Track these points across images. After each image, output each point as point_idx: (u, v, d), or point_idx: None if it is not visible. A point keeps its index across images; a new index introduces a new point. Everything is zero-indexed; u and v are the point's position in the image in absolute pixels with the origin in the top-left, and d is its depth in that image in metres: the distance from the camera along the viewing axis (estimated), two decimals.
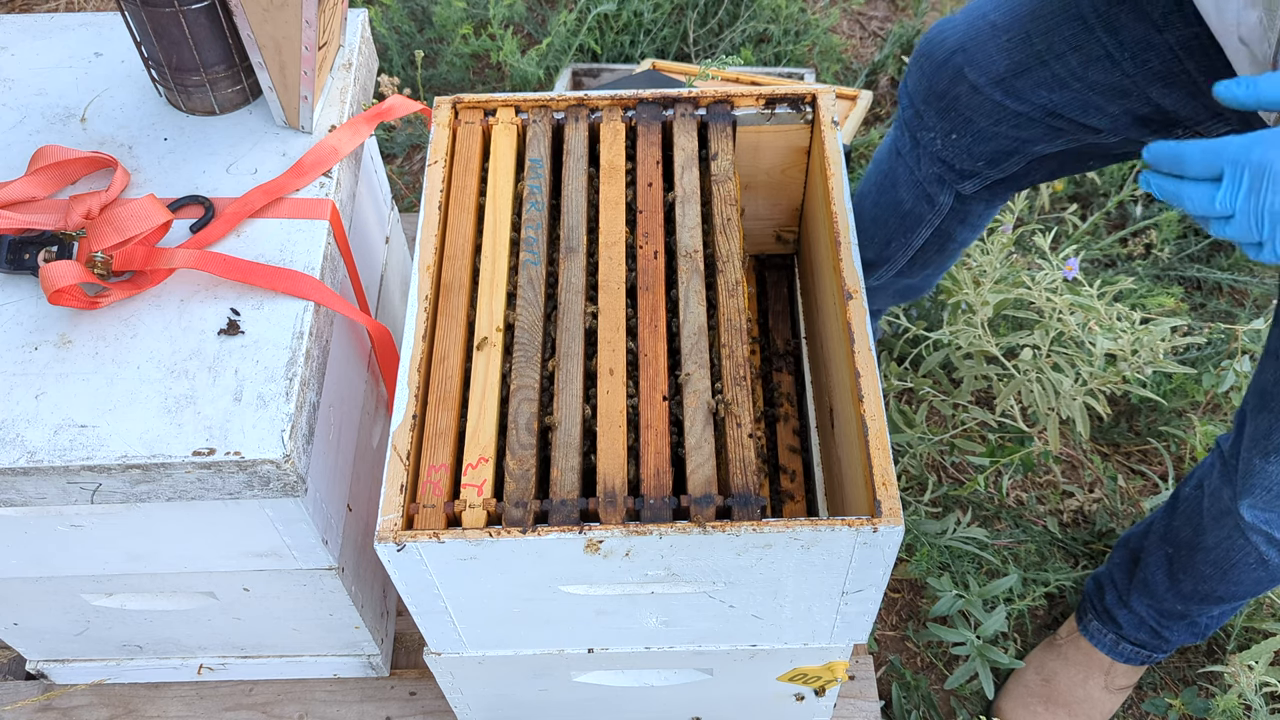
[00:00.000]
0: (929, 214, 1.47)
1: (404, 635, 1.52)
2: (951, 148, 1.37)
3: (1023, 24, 1.25)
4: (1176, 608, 1.46)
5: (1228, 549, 1.32)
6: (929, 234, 1.50)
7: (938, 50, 1.33)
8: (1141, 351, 1.61)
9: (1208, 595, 1.40)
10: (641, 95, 1.26)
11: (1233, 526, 1.29)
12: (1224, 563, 1.34)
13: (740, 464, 0.99)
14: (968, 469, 1.85)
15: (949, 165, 1.39)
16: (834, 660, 1.19)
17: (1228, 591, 1.38)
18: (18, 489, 1.02)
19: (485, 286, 1.13)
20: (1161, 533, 1.44)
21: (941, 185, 1.43)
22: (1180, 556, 1.40)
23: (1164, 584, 1.44)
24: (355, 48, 1.31)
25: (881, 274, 1.59)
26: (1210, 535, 1.33)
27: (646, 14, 2.37)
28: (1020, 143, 1.32)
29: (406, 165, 2.33)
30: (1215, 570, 1.36)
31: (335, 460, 1.22)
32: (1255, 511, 1.25)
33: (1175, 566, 1.42)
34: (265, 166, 1.20)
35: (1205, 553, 1.35)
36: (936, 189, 1.43)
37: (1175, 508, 1.41)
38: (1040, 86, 1.25)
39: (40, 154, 1.18)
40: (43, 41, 1.34)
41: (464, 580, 1.02)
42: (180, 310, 1.10)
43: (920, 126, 1.39)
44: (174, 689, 1.48)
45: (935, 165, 1.41)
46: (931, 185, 1.43)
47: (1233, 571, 1.34)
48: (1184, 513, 1.39)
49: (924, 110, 1.37)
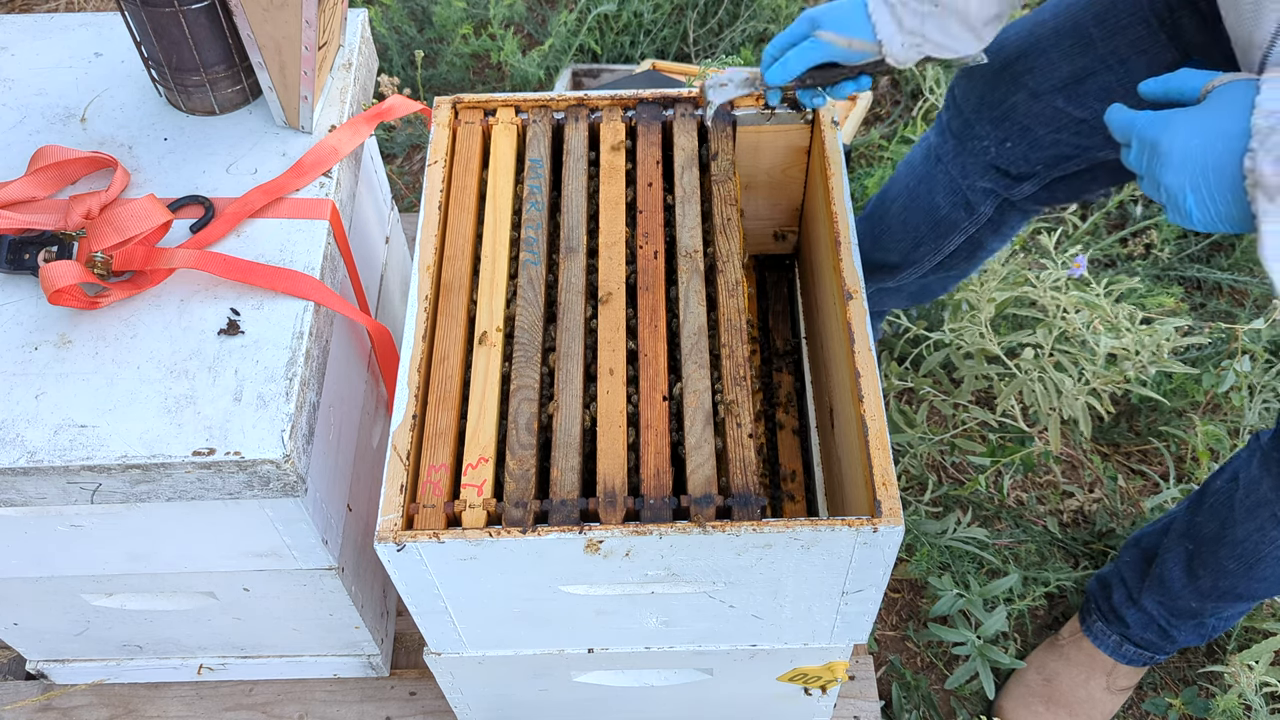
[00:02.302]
0: (965, 221, 1.46)
1: (404, 635, 1.52)
2: (1006, 155, 1.36)
3: (1086, 29, 1.24)
4: (1191, 605, 1.46)
5: (1258, 542, 1.31)
6: (962, 241, 1.49)
7: (994, 57, 1.31)
8: (1144, 351, 1.61)
9: (1227, 592, 1.40)
10: (641, 95, 1.26)
11: (1267, 518, 1.29)
12: (1251, 557, 1.33)
13: (740, 464, 0.99)
14: (968, 469, 1.85)
15: (1003, 172, 1.38)
16: (834, 660, 1.19)
17: (1248, 589, 1.38)
18: (18, 489, 1.02)
19: (485, 286, 1.13)
20: (1183, 529, 1.43)
21: (987, 195, 1.42)
22: (1202, 552, 1.40)
23: (1181, 580, 1.44)
24: (355, 48, 1.31)
25: (904, 276, 1.58)
26: (1240, 528, 1.33)
27: (646, 14, 2.37)
28: (1081, 149, 1.31)
29: (406, 165, 2.32)
30: (1240, 565, 1.35)
31: (335, 460, 1.22)
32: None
33: (1195, 562, 1.41)
34: (265, 166, 1.20)
35: (1231, 547, 1.35)
36: (980, 198, 1.43)
37: (1202, 503, 1.41)
38: (1104, 91, 1.24)
39: (40, 154, 1.18)
40: (43, 41, 1.34)
41: (464, 580, 1.02)
42: (180, 310, 1.10)
43: (969, 135, 1.38)
44: (174, 689, 1.48)
45: (985, 174, 1.40)
46: (975, 194, 1.42)
47: (1259, 566, 1.34)
48: (1212, 507, 1.38)
49: (975, 119, 1.36)
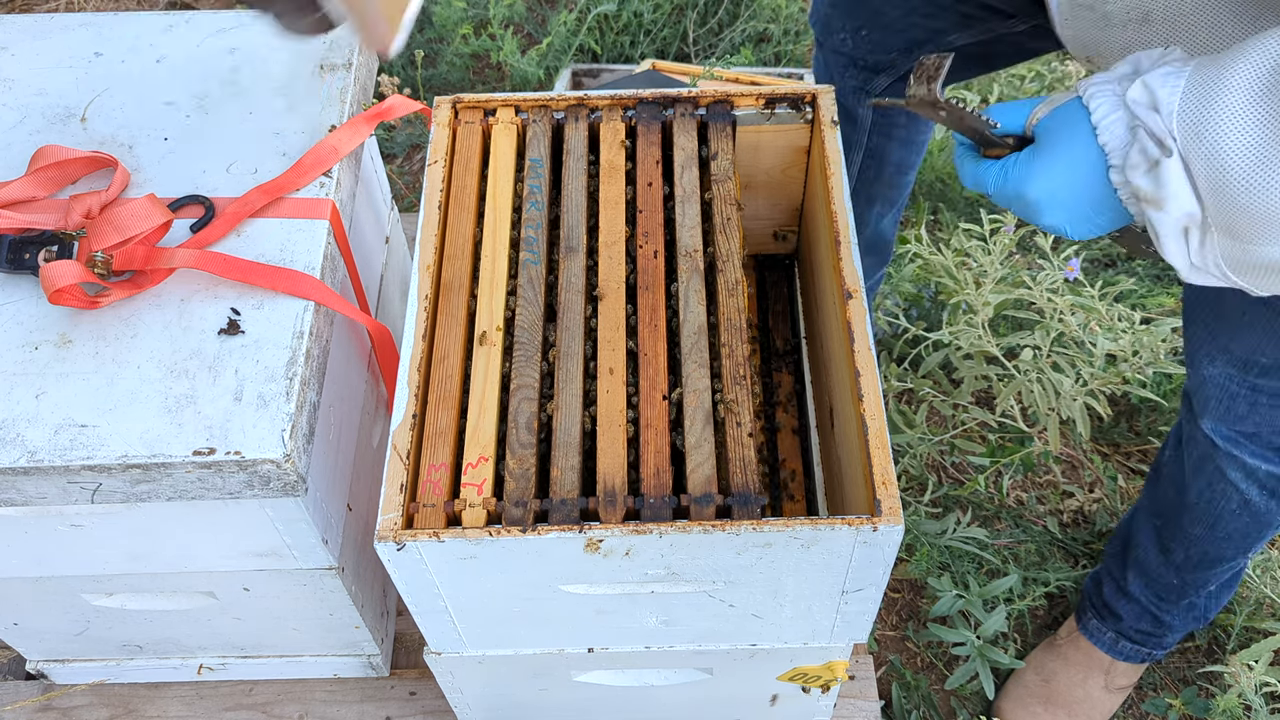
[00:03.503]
0: (854, 134, 1.43)
1: (404, 635, 1.52)
2: (862, 44, 1.33)
3: None
4: (1172, 581, 1.46)
5: (1210, 497, 1.31)
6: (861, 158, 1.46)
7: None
8: (1142, 352, 1.61)
9: (1201, 559, 1.40)
10: (641, 95, 1.26)
11: (1213, 471, 1.28)
12: (1209, 515, 1.33)
13: (740, 463, 0.99)
14: (968, 469, 1.85)
15: (859, 64, 1.35)
16: (834, 660, 1.19)
17: (1217, 550, 1.38)
18: (18, 489, 1.02)
19: (485, 286, 1.13)
20: (1147, 506, 1.45)
21: (857, 96, 1.39)
22: (1168, 525, 1.40)
23: (1156, 558, 1.44)
24: (355, 48, 1.31)
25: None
26: (1193, 489, 1.33)
27: (646, 14, 2.37)
28: (933, 33, 1.29)
29: (406, 165, 2.33)
30: (1203, 528, 1.35)
31: (335, 460, 1.22)
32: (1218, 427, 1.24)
33: (1164, 536, 1.42)
34: (265, 166, 1.20)
35: (1190, 511, 1.35)
36: (854, 101, 1.40)
37: (1158, 476, 1.42)
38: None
39: (40, 154, 1.18)
40: (43, 41, 1.34)
41: (464, 580, 1.02)
42: (180, 310, 1.10)
43: (828, 31, 1.36)
44: (174, 689, 1.48)
45: (848, 71, 1.37)
46: (848, 97, 1.40)
47: (1219, 524, 1.33)
48: (1166, 476, 1.39)
49: (831, 13, 1.34)
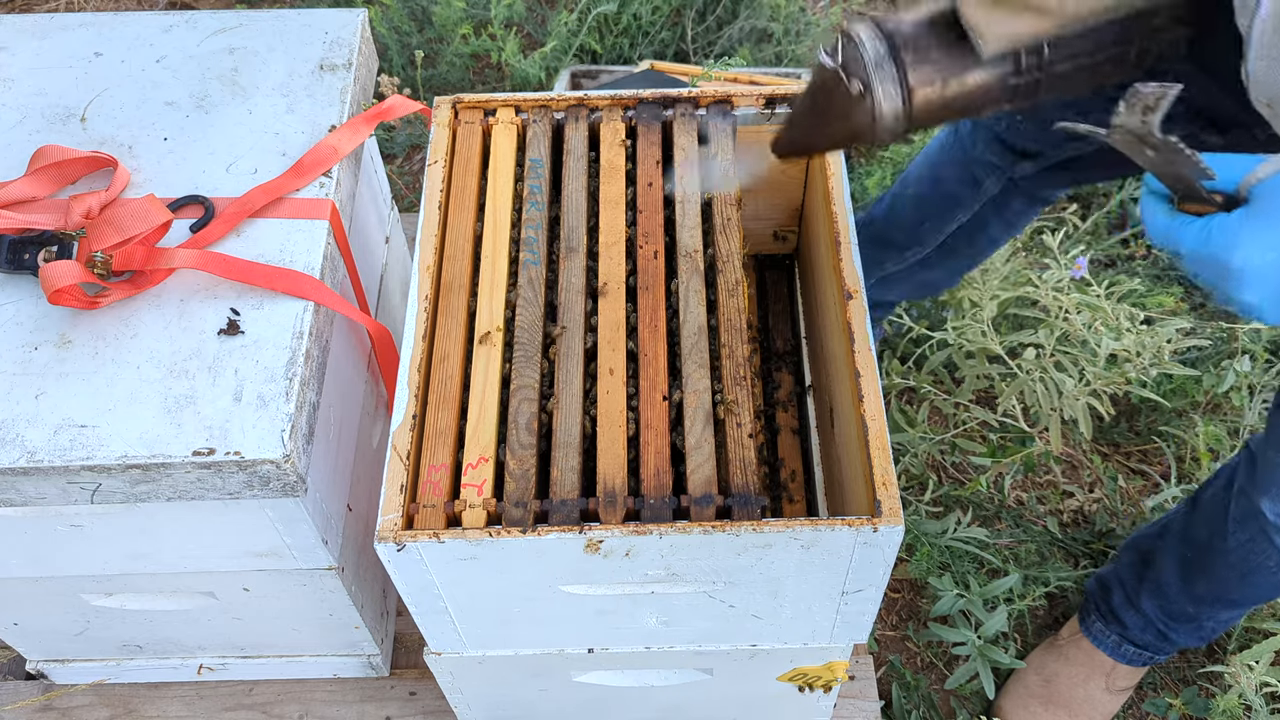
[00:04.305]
0: (969, 197, 1.45)
1: (404, 635, 1.52)
2: (1016, 130, 1.35)
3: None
4: (1187, 609, 1.45)
5: (1249, 551, 1.31)
6: (964, 218, 1.49)
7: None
8: (1145, 352, 1.61)
9: (1220, 598, 1.39)
10: (641, 95, 1.26)
11: (1257, 530, 1.28)
12: (1243, 566, 1.33)
13: (740, 464, 0.99)
14: (969, 469, 1.84)
15: (1009, 147, 1.37)
16: (834, 660, 1.18)
17: (1242, 596, 1.37)
18: (18, 489, 1.02)
19: (485, 286, 1.13)
20: (1179, 534, 1.42)
21: (991, 171, 1.41)
22: (1197, 559, 1.39)
23: (1176, 586, 1.43)
24: (355, 48, 1.31)
25: (907, 258, 1.57)
26: (1233, 538, 1.32)
27: (645, 16, 2.37)
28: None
29: (406, 165, 2.32)
30: (1233, 574, 1.35)
31: (335, 460, 1.22)
32: (1275, 507, 1.24)
33: (1190, 569, 1.40)
34: (265, 166, 1.20)
35: (1224, 555, 1.34)
36: (985, 173, 1.42)
37: (1196, 509, 1.40)
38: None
39: (40, 154, 1.18)
40: (43, 41, 1.34)
41: (464, 580, 1.02)
42: (180, 310, 1.10)
43: None
44: (174, 689, 1.48)
45: (991, 147, 1.39)
46: (980, 168, 1.42)
47: (1251, 576, 1.33)
48: (1205, 514, 1.37)
49: None
